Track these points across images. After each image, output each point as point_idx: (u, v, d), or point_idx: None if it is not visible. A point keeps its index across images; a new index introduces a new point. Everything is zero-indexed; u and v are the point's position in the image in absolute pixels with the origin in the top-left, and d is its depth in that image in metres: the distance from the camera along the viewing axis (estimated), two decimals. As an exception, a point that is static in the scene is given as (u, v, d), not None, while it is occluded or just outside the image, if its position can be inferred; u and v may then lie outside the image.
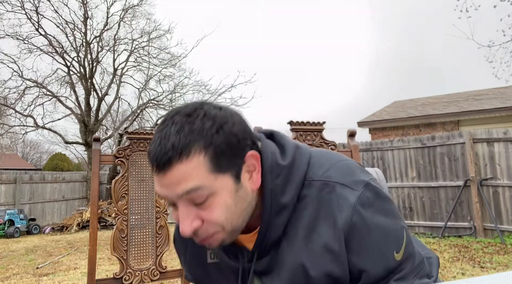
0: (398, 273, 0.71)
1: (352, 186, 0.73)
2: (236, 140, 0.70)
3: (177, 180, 0.67)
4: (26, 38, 12.24)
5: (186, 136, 0.67)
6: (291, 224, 0.76)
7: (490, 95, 11.27)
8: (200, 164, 0.67)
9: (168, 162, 0.66)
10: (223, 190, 0.69)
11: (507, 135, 5.98)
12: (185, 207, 0.69)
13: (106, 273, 4.63)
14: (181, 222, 0.70)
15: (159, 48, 13.78)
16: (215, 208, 0.69)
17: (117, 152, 1.70)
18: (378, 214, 0.71)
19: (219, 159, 0.68)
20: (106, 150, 15.90)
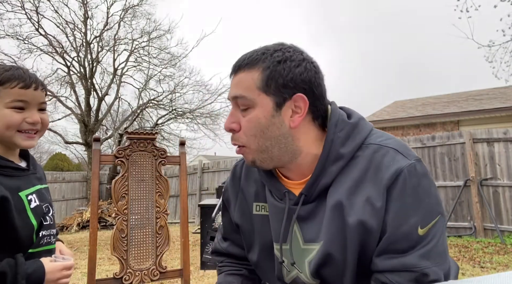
0: (421, 248, 0.75)
1: (406, 155, 0.79)
2: (291, 77, 0.81)
3: (236, 82, 0.84)
4: (26, 38, 12.24)
5: (258, 55, 0.83)
6: (341, 176, 0.82)
7: (490, 95, 11.26)
8: (254, 78, 0.82)
9: (237, 67, 0.85)
10: (262, 107, 0.82)
11: (507, 135, 5.98)
12: (234, 109, 0.86)
13: (106, 273, 4.63)
14: (227, 120, 0.86)
15: (159, 48, 13.78)
16: (249, 119, 0.83)
17: (117, 152, 1.70)
18: (418, 186, 0.76)
19: (268, 82, 0.81)
20: (106, 150, 15.91)
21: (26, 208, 1.07)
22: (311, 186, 0.84)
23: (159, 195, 1.76)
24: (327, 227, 0.81)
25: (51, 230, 1.15)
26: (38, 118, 1.08)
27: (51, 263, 1.07)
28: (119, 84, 13.66)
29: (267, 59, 0.82)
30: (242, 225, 1.01)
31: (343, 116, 0.87)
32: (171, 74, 13.89)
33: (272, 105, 0.81)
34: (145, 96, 13.73)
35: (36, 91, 1.07)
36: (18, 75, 1.04)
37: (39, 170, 1.23)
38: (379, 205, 0.76)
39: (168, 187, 1.79)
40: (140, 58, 13.86)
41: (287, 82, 0.81)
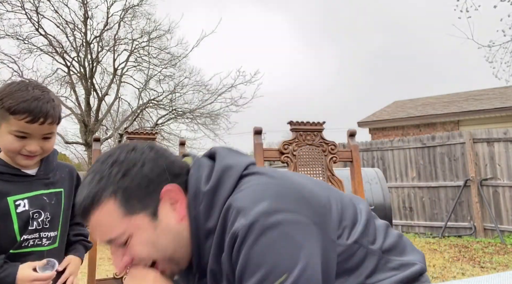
0: None
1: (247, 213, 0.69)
2: (146, 180, 0.74)
3: (96, 227, 0.75)
4: (26, 38, 12.24)
5: (96, 185, 0.73)
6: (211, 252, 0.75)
7: (490, 95, 11.27)
8: (112, 210, 0.72)
9: (86, 212, 0.74)
10: (140, 230, 0.74)
11: (507, 135, 5.98)
12: (114, 248, 0.77)
13: (106, 273, 4.63)
14: (114, 262, 0.77)
15: (159, 48, 13.77)
16: (136, 247, 0.74)
17: (117, 152, 1.70)
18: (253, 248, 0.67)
19: (129, 202, 0.73)
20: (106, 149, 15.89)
21: (11, 212, 1.13)
22: (198, 265, 0.79)
23: (159, 195, 1.75)
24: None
25: (41, 233, 1.20)
26: (37, 149, 1.14)
27: (26, 272, 1.11)
28: (119, 84, 13.66)
29: (110, 182, 0.73)
30: None
31: (199, 184, 0.77)
32: (171, 74, 13.89)
33: (148, 219, 0.74)
34: (145, 96, 13.73)
35: (42, 126, 1.11)
36: (30, 109, 1.08)
37: (56, 174, 1.28)
38: (225, 269, 0.72)
39: (168, 187, 1.78)
40: (140, 58, 13.85)
41: (146, 188, 0.74)
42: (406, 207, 7.08)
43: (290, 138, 1.72)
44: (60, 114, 1.17)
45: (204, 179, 0.78)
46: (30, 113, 1.07)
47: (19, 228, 1.15)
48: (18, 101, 1.06)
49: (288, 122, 1.78)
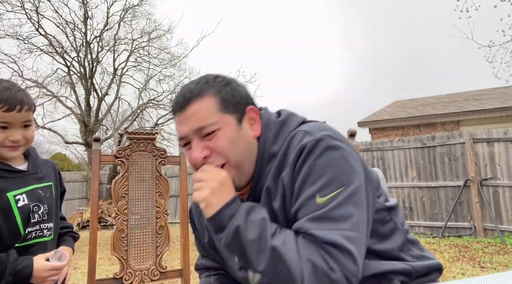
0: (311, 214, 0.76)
1: (313, 133, 0.83)
2: (239, 95, 0.91)
3: (193, 115, 0.86)
4: (26, 38, 12.24)
5: (202, 85, 0.89)
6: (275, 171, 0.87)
7: (490, 95, 11.27)
8: (211, 104, 0.87)
9: (187, 101, 0.87)
10: (228, 126, 0.87)
11: (507, 135, 5.98)
12: (197, 140, 0.87)
13: (106, 273, 4.63)
14: (193, 152, 0.87)
15: (159, 48, 13.78)
16: (220, 139, 0.85)
17: (117, 152, 1.70)
18: (319, 158, 0.79)
19: (225, 103, 0.88)
20: (106, 150, 15.91)
21: (12, 207, 1.18)
22: (255, 189, 0.90)
23: (159, 195, 1.76)
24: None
25: (42, 224, 1.25)
26: (19, 137, 1.18)
27: (42, 262, 1.16)
28: (119, 84, 13.66)
29: (213, 85, 0.89)
30: (207, 241, 1.05)
31: (271, 117, 0.94)
32: (171, 74, 13.90)
33: (235, 122, 0.88)
34: (145, 96, 13.74)
35: (20, 113, 1.16)
36: (4, 99, 1.13)
37: (43, 169, 1.34)
38: (286, 181, 0.82)
39: (168, 187, 1.78)
40: (140, 58, 13.86)
41: (237, 101, 0.90)
42: (406, 207, 7.08)
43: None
44: (34, 102, 1.23)
45: (275, 114, 0.96)
46: (6, 102, 1.13)
47: (22, 221, 1.19)
48: None
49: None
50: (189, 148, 0.89)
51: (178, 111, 0.89)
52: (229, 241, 0.80)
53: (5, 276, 1.10)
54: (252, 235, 0.77)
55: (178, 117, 0.89)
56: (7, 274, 1.10)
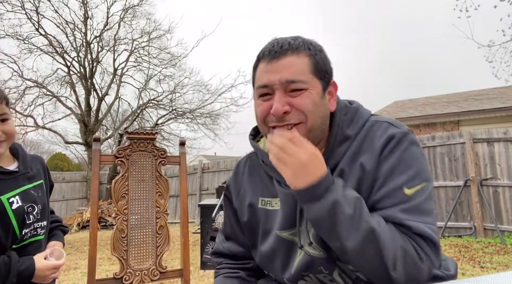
0: (402, 204, 0.79)
1: (398, 126, 0.88)
2: (329, 65, 0.90)
3: (288, 66, 0.85)
4: (26, 38, 12.24)
5: (300, 42, 0.88)
6: (347, 155, 0.88)
7: (490, 95, 11.26)
8: (306, 63, 0.86)
9: (284, 51, 0.86)
10: (314, 89, 0.86)
11: (507, 135, 5.98)
12: (282, 93, 0.85)
13: (106, 273, 4.63)
14: (276, 103, 0.84)
15: (159, 48, 13.78)
16: (305, 98, 0.85)
17: (117, 152, 1.70)
18: (407, 151, 0.83)
19: (317, 67, 0.87)
20: (106, 150, 15.91)
21: (7, 210, 1.17)
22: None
23: (159, 195, 1.76)
24: None
25: (35, 224, 1.26)
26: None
27: (42, 262, 1.18)
28: (119, 84, 13.66)
29: (310, 47, 0.88)
30: (246, 219, 1.02)
31: (346, 102, 0.95)
32: (171, 74, 13.90)
33: (321, 89, 0.88)
34: (145, 96, 13.74)
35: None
36: None
37: (33, 167, 1.34)
38: (369, 167, 0.83)
39: (168, 187, 1.78)
40: (140, 58, 13.86)
41: (327, 69, 0.89)
42: (406, 207, 7.08)
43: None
44: (5, 95, 1.21)
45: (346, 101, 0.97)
46: None
47: (17, 224, 1.19)
48: None
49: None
50: (266, 99, 0.87)
51: (270, 59, 0.86)
52: (323, 214, 0.78)
53: (10, 277, 1.11)
54: (349, 211, 0.77)
55: (268, 65, 0.86)
56: (11, 276, 1.11)
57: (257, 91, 0.90)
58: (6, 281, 1.10)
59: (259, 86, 0.88)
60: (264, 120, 0.89)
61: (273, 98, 0.86)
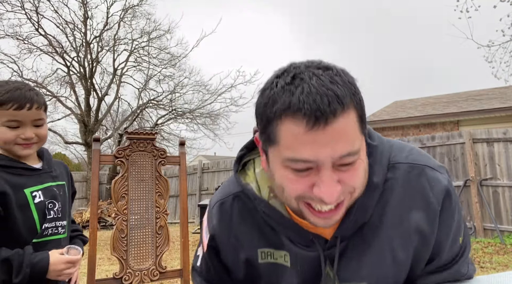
0: (461, 256, 0.77)
1: (439, 169, 0.74)
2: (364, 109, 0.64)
3: (339, 134, 0.58)
4: (26, 38, 12.24)
5: (343, 87, 0.58)
6: (377, 207, 0.71)
7: (490, 95, 11.27)
8: (355, 121, 0.60)
9: (333, 112, 0.56)
10: (363, 151, 0.64)
11: (507, 135, 5.98)
12: (331, 169, 0.60)
13: (106, 273, 4.63)
14: (328, 187, 0.60)
15: (159, 48, 13.78)
16: (357, 171, 0.63)
17: (117, 152, 1.70)
18: (457, 201, 0.75)
19: (361, 118, 0.62)
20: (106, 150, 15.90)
21: (29, 202, 1.21)
22: (348, 224, 0.70)
23: (159, 195, 1.75)
24: (375, 264, 0.72)
25: (56, 222, 1.28)
26: (31, 135, 1.20)
27: (57, 256, 1.19)
28: (119, 84, 13.66)
29: (354, 91, 0.61)
30: (242, 276, 0.84)
31: (367, 139, 0.70)
32: (171, 74, 13.90)
33: (365, 145, 0.66)
34: (145, 96, 13.74)
35: (30, 111, 1.18)
36: (14, 97, 1.16)
37: (57, 169, 1.37)
38: (428, 230, 0.71)
39: (168, 187, 1.78)
40: (140, 58, 13.86)
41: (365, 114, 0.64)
42: (406, 207, 7.08)
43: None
44: (45, 101, 1.25)
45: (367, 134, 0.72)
46: (16, 100, 1.15)
47: (38, 217, 1.22)
48: (1, 93, 1.15)
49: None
50: (304, 175, 0.62)
51: (314, 123, 0.57)
52: None
53: (23, 268, 1.12)
54: None
55: (311, 132, 0.57)
56: (24, 266, 1.12)
57: (289, 162, 0.62)
58: (20, 272, 1.11)
59: (296, 160, 0.61)
60: (298, 197, 0.65)
61: (316, 175, 0.61)
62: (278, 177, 0.66)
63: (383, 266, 0.72)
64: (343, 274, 0.73)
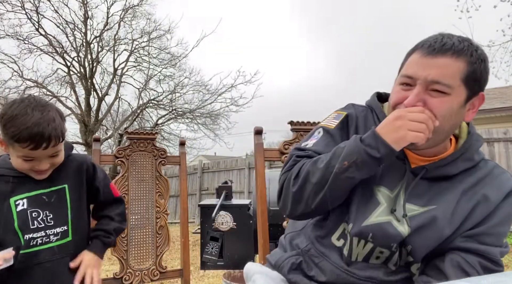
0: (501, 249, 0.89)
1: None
2: (485, 76, 0.88)
3: (440, 65, 0.83)
4: (26, 38, 12.23)
5: (464, 46, 0.84)
6: (464, 175, 0.92)
7: (490, 95, 11.26)
8: (461, 69, 0.84)
9: (444, 51, 0.83)
10: (457, 97, 0.85)
11: (507, 135, 5.98)
12: (422, 89, 0.85)
13: (106, 273, 4.62)
14: (412, 96, 0.85)
15: (159, 48, 13.77)
16: (443, 103, 0.84)
17: (117, 152, 1.70)
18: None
19: (471, 76, 0.85)
20: (106, 150, 15.90)
21: (12, 211, 1.18)
22: (436, 168, 0.91)
23: (159, 195, 1.76)
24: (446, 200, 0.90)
25: (47, 230, 1.22)
26: (46, 167, 1.18)
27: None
28: (119, 84, 13.65)
29: (473, 53, 0.85)
30: None
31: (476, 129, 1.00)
32: (171, 74, 13.88)
33: (464, 98, 0.86)
34: (145, 96, 13.72)
35: (46, 150, 1.14)
36: (31, 137, 1.09)
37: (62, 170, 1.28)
38: (494, 199, 0.89)
39: (168, 187, 1.78)
40: (140, 58, 13.85)
41: (483, 81, 0.88)
42: (406, 207, 7.07)
43: (291, 138, 1.72)
44: (62, 131, 1.18)
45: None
46: (32, 141, 1.10)
47: (19, 226, 1.18)
48: (20, 129, 1.08)
49: (288, 122, 1.78)
50: (406, 89, 0.88)
51: (428, 53, 0.85)
52: None
53: None
54: None
55: (422, 58, 0.85)
56: None
57: (400, 78, 0.91)
58: None
59: (403, 75, 0.89)
60: (394, 107, 0.90)
61: (411, 91, 0.86)
62: (391, 93, 0.94)
63: (449, 205, 0.89)
64: (409, 197, 0.91)
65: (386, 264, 0.92)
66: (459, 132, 0.99)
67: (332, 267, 0.94)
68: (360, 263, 0.92)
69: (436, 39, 0.86)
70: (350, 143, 0.89)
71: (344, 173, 0.86)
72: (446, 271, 0.86)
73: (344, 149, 0.89)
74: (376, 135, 0.85)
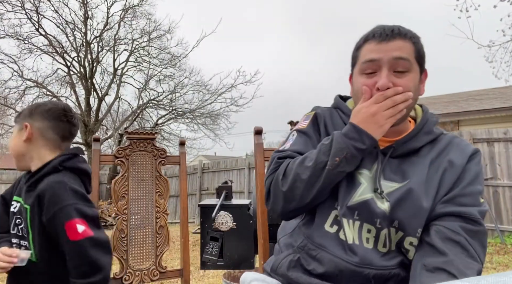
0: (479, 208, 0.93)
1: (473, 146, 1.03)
2: (424, 54, 1.00)
3: (396, 47, 0.94)
4: (26, 38, 12.24)
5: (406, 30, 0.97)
6: (428, 147, 1.00)
7: (490, 95, 11.26)
8: (411, 48, 0.95)
9: (394, 35, 0.94)
10: (415, 73, 0.96)
11: (507, 135, 5.98)
12: (388, 71, 0.94)
13: (106, 273, 4.62)
14: (383, 78, 0.93)
15: (159, 48, 13.77)
16: (409, 80, 0.94)
17: (117, 152, 1.70)
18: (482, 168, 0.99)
19: (419, 54, 0.97)
20: (106, 150, 15.90)
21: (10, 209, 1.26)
22: (402, 144, 0.99)
23: (159, 195, 1.76)
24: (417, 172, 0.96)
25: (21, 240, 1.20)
26: None
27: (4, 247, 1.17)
28: (119, 84, 13.66)
29: (413, 35, 0.97)
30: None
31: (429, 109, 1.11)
32: (171, 74, 13.89)
33: (418, 74, 0.98)
34: (145, 96, 13.73)
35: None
36: None
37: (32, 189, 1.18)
38: (459, 163, 0.96)
39: (168, 187, 1.78)
40: (140, 58, 13.85)
41: (425, 57, 1.00)
42: (406, 207, 7.07)
43: (290, 138, 1.72)
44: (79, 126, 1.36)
45: None
46: None
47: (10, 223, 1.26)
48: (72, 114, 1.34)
49: (288, 122, 1.78)
50: (370, 76, 0.96)
51: (381, 40, 0.95)
52: None
53: None
54: None
55: (377, 45, 0.95)
56: None
57: (361, 66, 0.98)
58: None
59: (366, 61, 0.96)
60: (360, 97, 0.97)
61: (378, 75, 0.94)
62: (354, 84, 1.02)
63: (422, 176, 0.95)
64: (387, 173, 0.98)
65: (376, 246, 0.95)
66: (415, 114, 1.08)
67: (330, 256, 0.95)
68: (356, 248, 0.94)
69: (382, 28, 0.97)
70: (337, 140, 0.95)
71: (336, 168, 0.93)
72: (435, 243, 0.90)
73: (329, 145, 0.96)
74: (358, 129, 0.93)
